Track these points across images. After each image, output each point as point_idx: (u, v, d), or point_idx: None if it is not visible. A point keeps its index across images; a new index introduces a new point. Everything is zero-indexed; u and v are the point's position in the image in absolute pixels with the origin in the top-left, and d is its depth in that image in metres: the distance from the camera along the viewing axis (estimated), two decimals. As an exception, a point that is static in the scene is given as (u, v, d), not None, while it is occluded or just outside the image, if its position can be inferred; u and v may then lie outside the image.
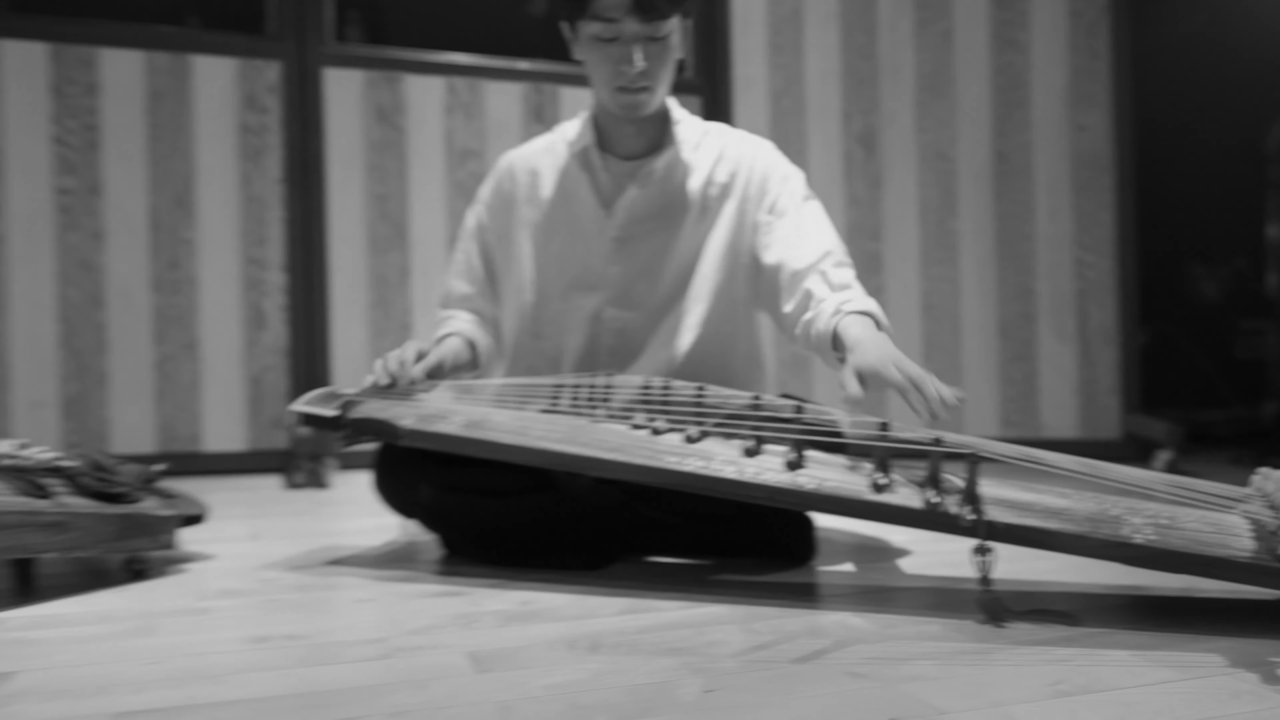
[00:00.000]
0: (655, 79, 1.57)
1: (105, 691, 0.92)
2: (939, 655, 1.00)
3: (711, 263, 1.66)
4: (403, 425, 1.39)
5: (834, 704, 0.86)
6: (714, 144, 1.70)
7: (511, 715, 0.84)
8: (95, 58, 2.53)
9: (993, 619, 1.12)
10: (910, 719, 0.82)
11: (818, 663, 0.98)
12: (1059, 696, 0.87)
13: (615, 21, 1.52)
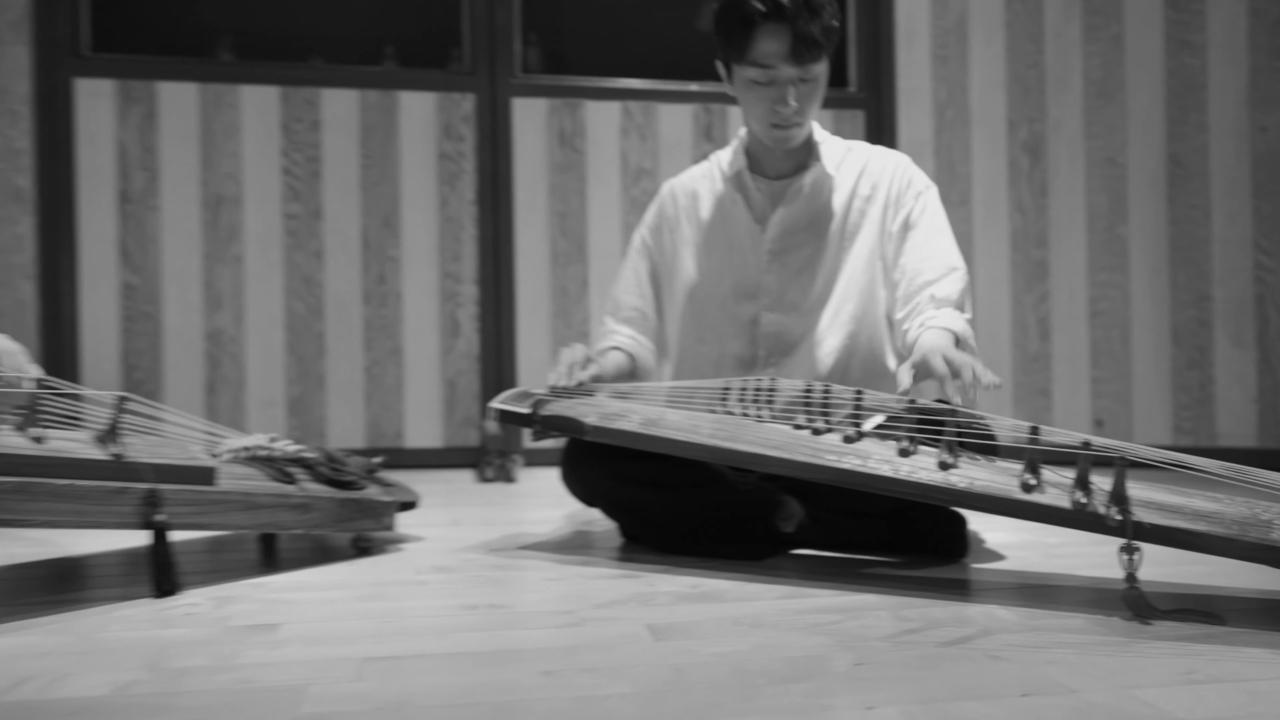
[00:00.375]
0: (805, 115, 1.70)
1: (352, 641, 1.10)
2: (1078, 645, 1.06)
3: (857, 266, 1.77)
4: (588, 422, 1.55)
5: (971, 680, 0.94)
6: (856, 160, 1.81)
7: (684, 675, 0.97)
8: (318, 98, 2.83)
9: (1138, 616, 1.17)
10: (1041, 695, 0.90)
11: (961, 646, 1.06)
12: (1189, 684, 0.93)
13: (771, 67, 1.64)
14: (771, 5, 1.63)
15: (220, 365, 2.80)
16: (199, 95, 2.76)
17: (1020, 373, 2.94)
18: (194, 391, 2.78)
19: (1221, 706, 0.87)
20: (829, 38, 1.67)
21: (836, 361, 1.73)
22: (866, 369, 1.74)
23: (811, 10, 1.63)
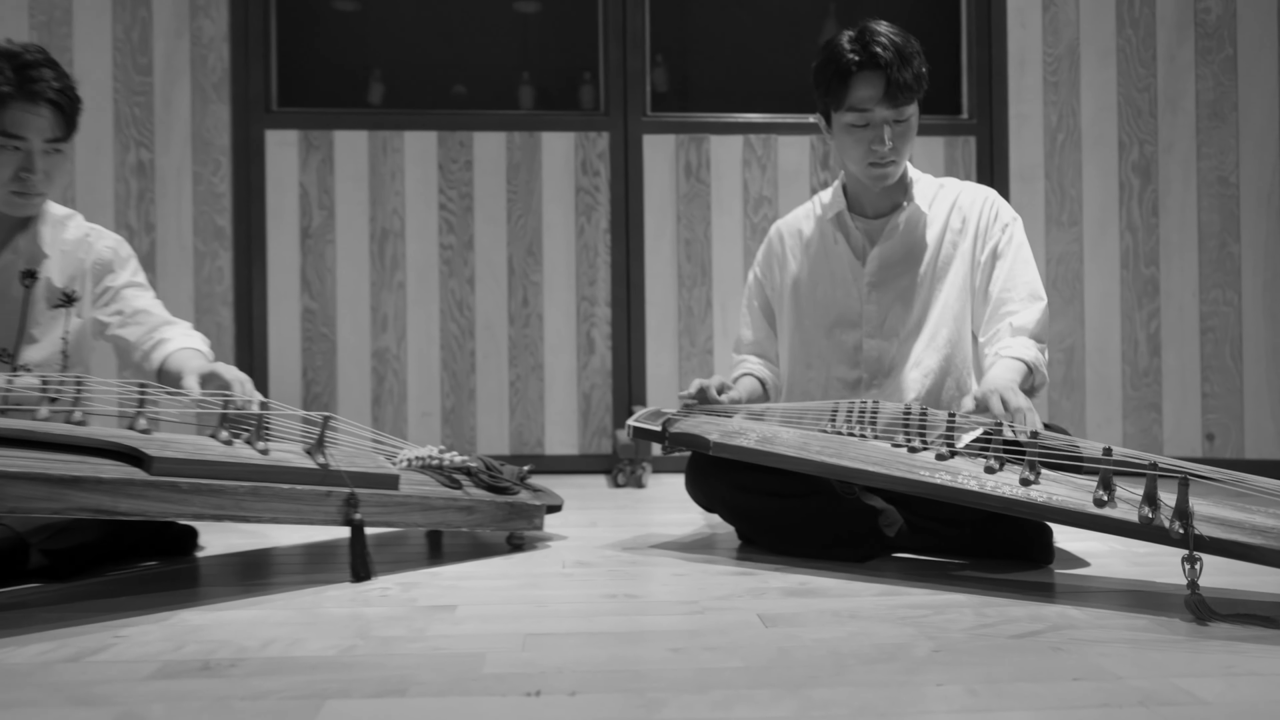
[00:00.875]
0: (900, 154, 1.86)
1: (516, 620, 1.33)
2: (1135, 641, 1.20)
3: (950, 295, 1.92)
4: (711, 439, 1.75)
5: (1032, 667, 1.10)
6: (947, 196, 1.96)
7: (787, 655, 1.15)
8: (470, 140, 3.12)
9: (1198, 619, 1.29)
10: (1088, 680, 1.05)
11: (1030, 639, 1.21)
12: (1225, 675, 1.06)
13: (868, 111, 1.81)
14: (866, 55, 1.80)
15: (385, 380, 3.12)
16: (369, 142, 3.09)
17: (1130, 388, 2.99)
18: (362, 403, 3.10)
19: (1251, 695, 1.01)
20: (919, 82, 1.83)
21: (933, 383, 1.88)
22: (960, 389, 1.89)
23: (903, 58, 1.80)
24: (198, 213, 3.02)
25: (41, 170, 1.72)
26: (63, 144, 1.74)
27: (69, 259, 1.85)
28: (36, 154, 1.71)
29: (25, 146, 1.70)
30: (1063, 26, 3.08)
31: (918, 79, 1.83)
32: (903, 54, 1.80)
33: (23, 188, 1.72)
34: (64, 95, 1.72)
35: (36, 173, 1.72)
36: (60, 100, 1.70)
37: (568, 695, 1.02)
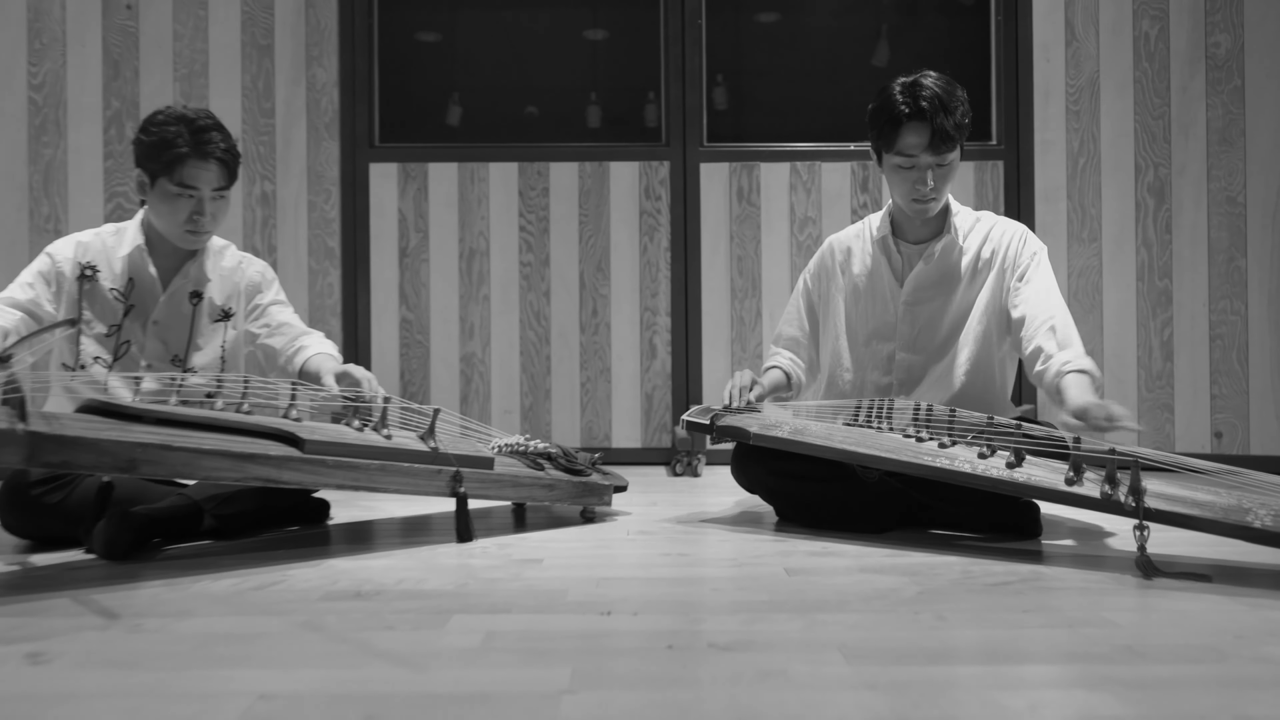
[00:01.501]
0: (941, 193, 2.10)
1: (590, 569, 1.64)
2: (1085, 589, 1.47)
3: (977, 317, 2.16)
4: (752, 431, 2.04)
5: (993, 604, 1.38)
6: (981, 229, 2.19)
7: (803, 594, 1.45)
8: (547, 170, 3.45)
9: (1144, 575, 1.55)
10: (1035, 612, 1.32)
11: (1000, 586, 1.49)
12: (1143, 611, 1.33)
13: (913, 156, 2.06)
14: (914, 107, 2.03)
15: (471, 381, 3.46)
16: (458, 172, 3.44)
17: (1145, 390, 3.20)
18: (452, 402, 3.45)
19: (1155, 621, 1.28)
20: (961, 132, 2.06)
21: (955, 394, 2.13)
22: (978, 399, 2.12)
23: (946, 110, 2.02)
24: (311, 236, 3.41)
25: (209, 214, 2.09)
26: (226, 191, 2.10)
27: (226, 282, 2.21)
28: (206, 201, 2.07)
29: (197, 195, 2.06)
30: (1084, 60, 3.30)
31: (959, 128, 2.04)
32: (947, 107, 2.01)
33: (195, 228, 2.09)
34: (228, 154, 2.07)
35: (206, 216, 2.08)
36: (225, 158, 2.06)
37: (631, 615, 1.33)
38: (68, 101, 3.22)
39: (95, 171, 3.24)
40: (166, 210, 2.08)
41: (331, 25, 3.38)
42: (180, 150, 2.03)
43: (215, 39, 3.32)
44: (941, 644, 1.19)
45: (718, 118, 3.85)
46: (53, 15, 3.21)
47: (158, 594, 1.47)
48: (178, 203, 2.07)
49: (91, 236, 2.17)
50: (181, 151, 2.03)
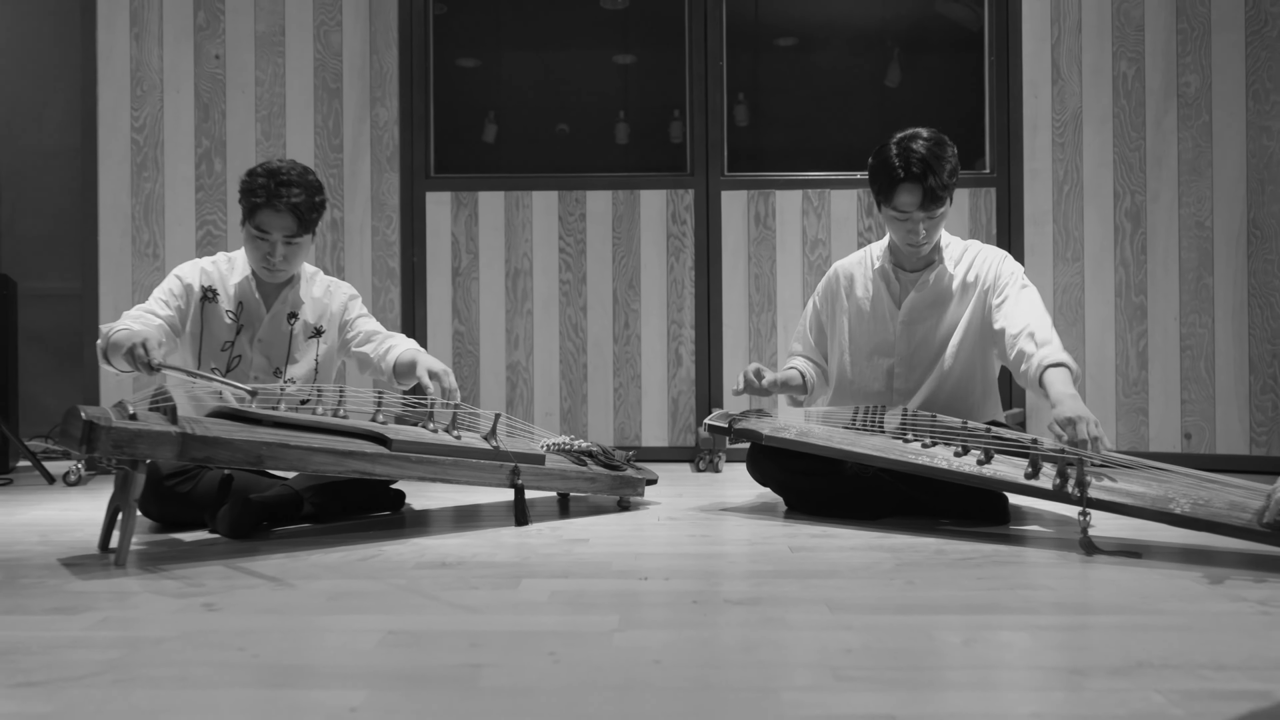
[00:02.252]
0: (932, 239, 2.37)
1: (629, 545, 1.95)
2: (1036, 564, 1.76)
3: (963, 334, 2.43)
4: (763, 433, 2.33)
5: (956, 575, 1.66)
6: (968, 256, 2.46)
7: (802, 564, 1.74)
8: (584, 197, 3.76)
9: (1086, 553, 1.83)
10: (986, 580, 1.61)
11: (964, 561, 1.77)
12: (1077, 579, 1.61)
13: (907, 212, 2.33)
14: (908, 170, 2.28)
15: (516, 387, 3.77)
16: (504, 200, 3.76)
17: (1122, 395, 3.46)
18: (499, 405, 3.76)
19: (1083, 586, 1.56)
20: (949, 189, 2.31)
21: (945, 401, 2.41)
22: (964, 405, 2.40)
23: (935, 173, 2.27)
24: (375, 257, 3.74)
25: (281, 256, 2.38)
26: (298, 239, 2.39)
27: (318, 304, 2.54)
28: (278, 245, 2.38)
29: (270, 239, 2.37)
30: (1068, 97, 3.57)
31: (947, 186, 2.29)
32: (935, 169, 2.26)
33: (269, 266, 2.40)
34: (300, 207, 2.34)
35: (277, 257, 2.39)
36: (298, 210, 2.34)
37: (663, 580, 1.63)
38: (164, 141, 3.57)
39: (188, 202, 3.58)
40: (249, 248, 2.41)
41: (393, 70, 3.71)
42: (257, 200, 2.34)
43: (291, 84, 3.66)
44: (906, 601, 1.48)
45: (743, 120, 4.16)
46: (152, 66, 3.56)
47: (283, 564, 1.79)
48: (256, 243, 2.38)
49: (211, 264, 2.50)
50: (258, 201, 2.34)
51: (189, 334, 2.45)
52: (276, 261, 2.38)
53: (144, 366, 2.10)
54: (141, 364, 2.10)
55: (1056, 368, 2.17)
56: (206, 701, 1.06)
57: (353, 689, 1.09)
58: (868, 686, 1.08)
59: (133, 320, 2.33)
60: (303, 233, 2.39)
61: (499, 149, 4.84)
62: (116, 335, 2.21)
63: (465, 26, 4.36)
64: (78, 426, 1.74)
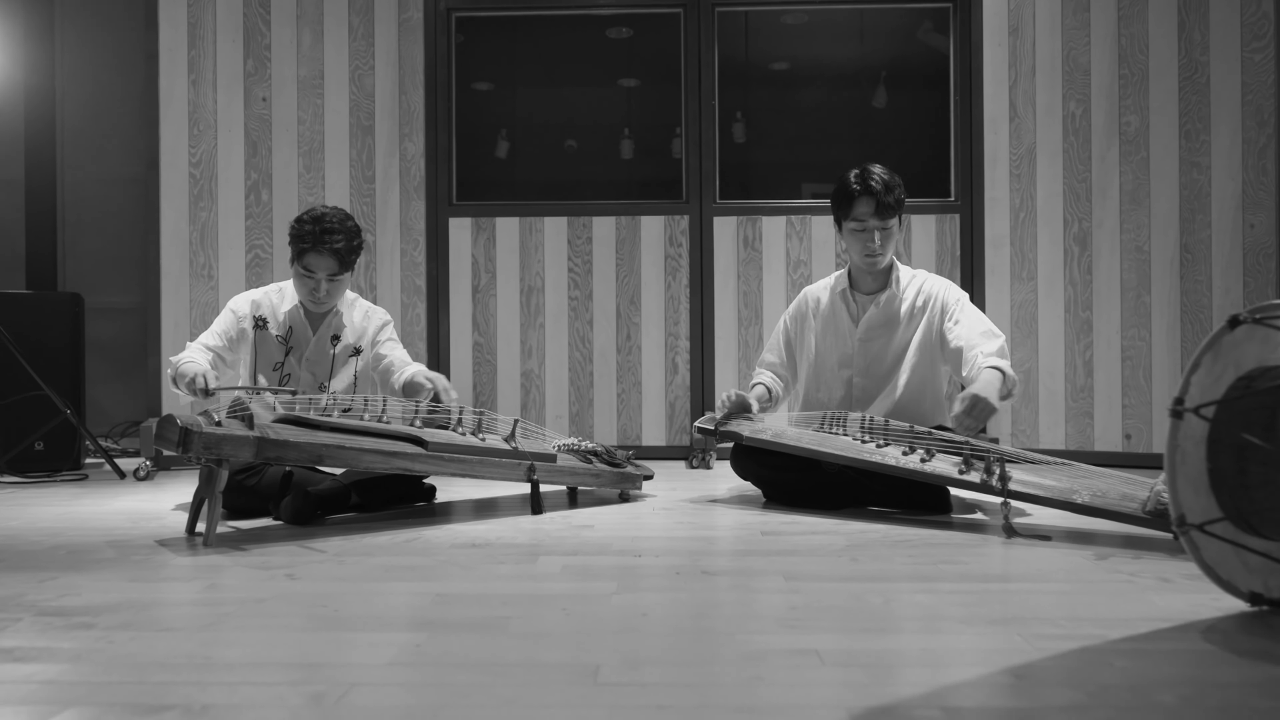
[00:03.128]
0: (886, 250, 2.70)
1: (628, 530, 2.26)
2: (961, 544, 2.06)
3: (914, 351, 2.75)
4: (744, 434, 2.65)
5: (893, 552, 1.97)
6: (916, 283, 2.79)
7: (769, 545, 2.05)
8: (590, 223, 4.07)
9: (1007, 536, 2.14)
10: (917, 556, 1.92)
11: (903, 543, 2.08)
12: (998, 559, 1.92)
13: (864, 221, 2.67)
14: (864, 186, 2.65)
15: (530, 392, 4.09)
16: (519, 225, 4.07)
17: (1070, 400, 3.76)
18: (514, 409, 4.08)
19: (997, 559, 1.87)
20: (899, 205, 2.67)
21: (897, 408, 2.72)
22: (915, 411, 2.71)
23: (888, 189, 2.64)
24: (403, 276, 4.05)
25: (325, 291, 2.72)
26: (340, 276, 2.72)
27: (357, 328, 2.86)
28: (322, 282, 2.71)
29: (316, 277, 2.70)
30: (1024, 134, 3.87)
31: (898, 202, 2.67)
32: (888, 186, 2.65)
33: (314, 299, 2.73)
34: (341, 251, 2.67)
35: (322, 292, 2.72)
36: (339, 254, 2.67)
37: (655, 557, 1.95)
38: (218, 175, 3.89)
39: (239, 229, 3.91)
40: (297, 283, 2.74)
41: (419, 109, 4.03)
42: (305, 245, 2.68)
43: (329, 123, 3.98)
44: (847, 573, 1.79)
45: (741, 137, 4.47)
46: (207, 108, 3.88)
47: (341, 544, 2.11)
48: (303, 280, 2.72)
49: (262, 295, 2.83)
50: (305, 246, 2.68)
51: (244, 357, 2.78)
52: (321, 296, 2.71)
53: (201, 392, 2.45)
54: (199, 390, 2.45)
55: (991, 370, 2.47)
56: (310, 640, 1.38)
57: (415, 632, 1.41)
58: (801, 631, 1.40)
59: (194, 352, 2.67)
60: (343, 271, 2.72)
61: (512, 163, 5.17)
62: (183, 368, 2.56)
63: (482, 53, 4.67)
64: (174, 431, 2.07)
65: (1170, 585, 1.66)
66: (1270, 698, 1.12)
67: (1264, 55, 3.51)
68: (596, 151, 6.58)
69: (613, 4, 4.22)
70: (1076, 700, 1.11)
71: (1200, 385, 1.47)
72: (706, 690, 1.15)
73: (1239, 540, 1.47)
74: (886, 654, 1.30)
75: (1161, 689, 1.14)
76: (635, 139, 6.72)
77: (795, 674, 1.20)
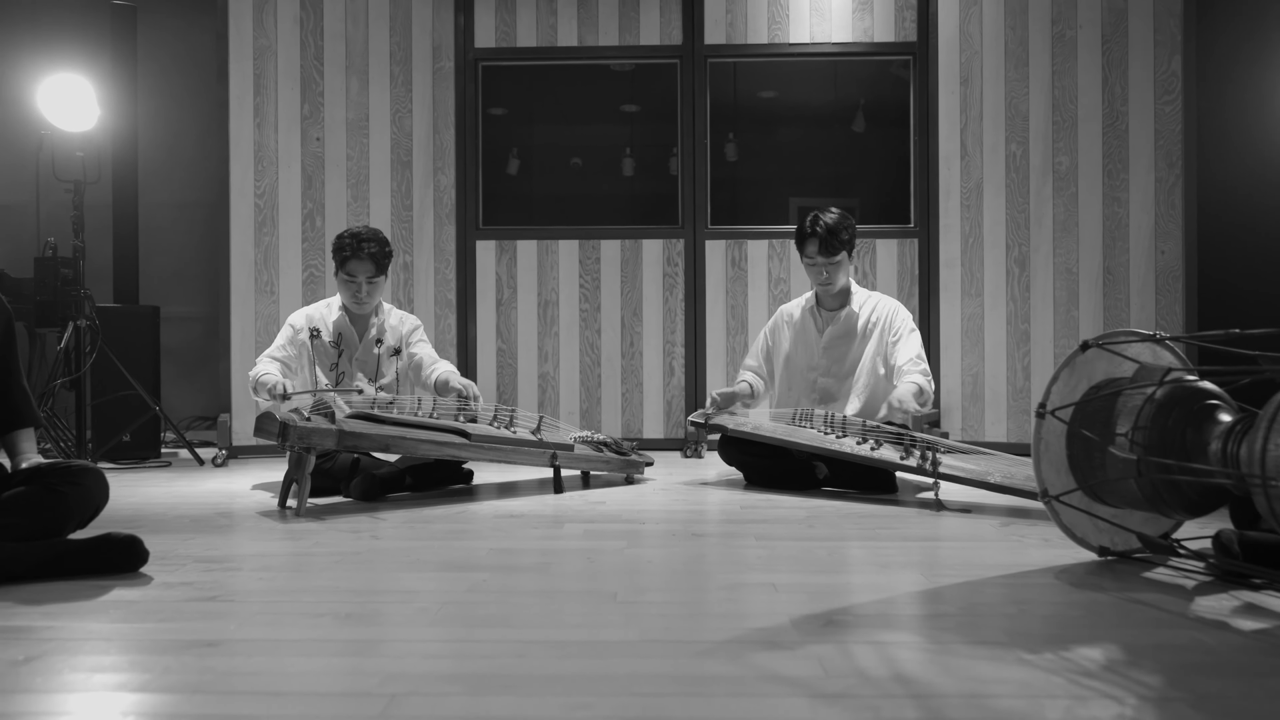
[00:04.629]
0: (834, 279, 3.13)
1: (633, 506, 2.68)
2: (897, 516, 2.49)
3: (866, 358, 3.18)
4: (729, 427, 3.08)
5: (842, 523, 2.40)
6: (870, 303, 3.22)
7: (746, 517, 2.48)
8: (599, 245, 4.49)
9: (935, 510, 2.56)
10: (857, 528, 2.35)
11: (852, 515, 2.51)
12: (926, 530, 2.35)
13: (814, 259, 3.11)
14: (812, 230, 3.08)
15: (546, 392, 4.51)
16: (537, 247, 4.49)
17: (1011, 400, 4.18)
18: (533, 408, 4.49)
19: (918, 528, 2.30)
20: (845, 244, 3.10)
21: (854, 408, 3.16)
22: (868, 409, 3.15)
23: (833, 233, 3.07)
24: (437, 291, 4.47)
25: (366, 291, 3.15)
26: (378, 278, 3.15)
27: (395, 331, 3.29)
28: (363, 284, 3.14)
29: (357, 280, 3.13)
30: (973, 169, 4.29)
31: (843, 242, 3.10)
32: (831, 230, 3.08)
33: (357, 301, 3.16)
34: (376, 255, 3.11)
35: (363, 293, 3.15)
36: (375, 257, 3.10)
37: (655, 524, 2.38)
38: (279, 204, 4.31)
39: (296, 251, 4.33)
40: (341, 289, 3.17)
41: (450, 146, 4.45)
42: (346, 254, 3.11)
43: (374, 158, 4.40)
44: (803, 535, 2.22)
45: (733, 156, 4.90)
46: (269, 146, 4.30)
47: (406, 515, 2.53)
48: (347, 285, 3.15)
49: (312, 309, 3.26)
50: (346, 254, 3.11)
51: (305, 362, 3.20)
52: (363, 297, 3.15)
53: (280, 398, 2.87)
54: (277, 396, 2.87)
55: (909, 384, 2.94)
56: (409, 577, 1.80)
57: (481, 572, 1.83)
58: (765, 572, 1.82)
59: (268, 365, 3.09)
60: (379, 274, 3.16)
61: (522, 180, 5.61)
62: (263, 378, 2.98)
63: (498, 82, 5.07)
64: (274, 425, 2.49)
65: (1048, 544, 2.09)
66: (1087, 611, 1.55)
67: (1173, 107, 3.94)
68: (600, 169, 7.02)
69: (617, 55, 4.63)
70: (948, 610, 1.53)
71: (1060, 393, 1.89)
72: (694, 606, 1.58)
73: (1090, 509, 1.90)
74: (823, 585, 1.73)
75: (1012, 604, 1.57)
76: (635, 158, 7.16)
77: (758, 597, 1.63)
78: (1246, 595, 1.62)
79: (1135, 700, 1.12)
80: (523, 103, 6.13)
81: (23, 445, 2.03)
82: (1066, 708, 1.10)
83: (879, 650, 1.33)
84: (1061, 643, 1.36)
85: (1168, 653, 1.30)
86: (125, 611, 1.53)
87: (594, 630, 1.43)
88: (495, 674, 1.22)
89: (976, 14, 4.24)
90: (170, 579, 1.76)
